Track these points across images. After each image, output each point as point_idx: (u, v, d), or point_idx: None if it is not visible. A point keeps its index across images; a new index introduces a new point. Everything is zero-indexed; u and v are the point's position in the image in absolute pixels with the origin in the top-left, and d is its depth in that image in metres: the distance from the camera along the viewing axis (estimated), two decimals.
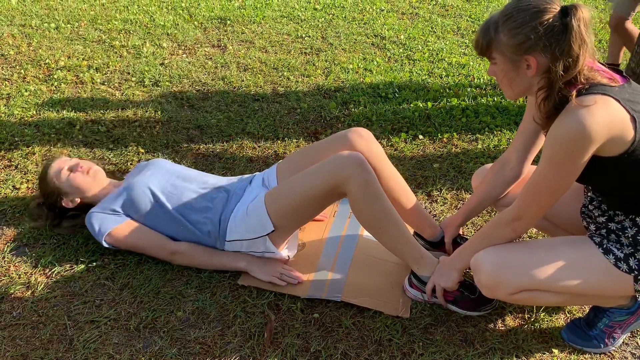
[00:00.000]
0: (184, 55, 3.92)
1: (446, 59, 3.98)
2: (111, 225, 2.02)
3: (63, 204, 2.15)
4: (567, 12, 1.40)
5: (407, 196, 2.08)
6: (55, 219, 2.20)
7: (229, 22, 4.52)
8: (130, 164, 2.68)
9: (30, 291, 1.93)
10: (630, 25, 3.46)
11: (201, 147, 2.86)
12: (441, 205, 2.44)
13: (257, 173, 2.20)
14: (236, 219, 1.97)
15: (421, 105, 3.30)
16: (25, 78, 3.49)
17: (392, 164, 2.09)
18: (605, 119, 1.40)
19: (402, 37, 4.35)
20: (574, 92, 1.42)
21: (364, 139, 2.04)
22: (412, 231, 2.17)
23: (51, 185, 2.13)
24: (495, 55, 1.54)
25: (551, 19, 1.41)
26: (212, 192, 2.07)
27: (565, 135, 1.42)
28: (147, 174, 2.12)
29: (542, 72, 1.48)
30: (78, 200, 2.15)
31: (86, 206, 2.16)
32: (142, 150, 2.78)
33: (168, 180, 2.11)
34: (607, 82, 1.45)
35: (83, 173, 2.15)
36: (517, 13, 1.45)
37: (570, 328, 1.80)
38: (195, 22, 4.48)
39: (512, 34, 1.46)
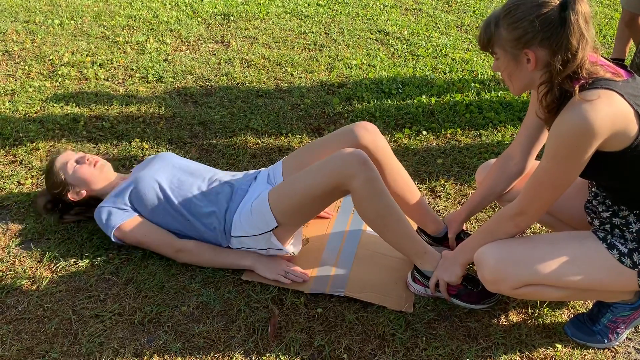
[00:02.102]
0: (188, 51, 3.92)
1: (450, 55, 3.97)
2: (119, 219, 2.03)
3: (69, 197, 2.16)
4: (565, 6, 1.40)
5: (412, 191, 2.08)
6: (60, 213, 2.21)
7: (232, 18, 4.52)
8: (134, 160, 2.69)
9: (35, 286, 1.95)
10: None
11: (205, 143, 2.86)
12: (445, 201, 2.44)
13: (263, 169, 2.20)
14: (241, 216, 1.97)
15: (425, 101, 3.30)
16: (29, 74, 3.50)
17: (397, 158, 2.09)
18: (608, 114, 1.39)
19: (405, 32, 4.34)
20: (577, 87, 1.42)
21: (370, 133, 2.03)
22: (415, 227, 2.17)
23: (58, 178, 2.15)
24: (496, 50, 1.54)
25: (549, 13, 1.41)
26: (218, 187, 2.07)
27: (568, 130, 1.42)
28: (155, 167, 2.12)
29: (543, 67, 1.48)
30: (84, 192, 2.16)
31: (93, 200, 2.18)
32: (146, 146, 2.79)
33: (175, 174, 2.11)
34: (610, 76, 1.44)
35: (90, 165, 2.16)
36: (516, 7, 1.45)
37: (573, 323, 1.80)
38: (199, 18, 4.48)
39: (512, 28, 1.46)
